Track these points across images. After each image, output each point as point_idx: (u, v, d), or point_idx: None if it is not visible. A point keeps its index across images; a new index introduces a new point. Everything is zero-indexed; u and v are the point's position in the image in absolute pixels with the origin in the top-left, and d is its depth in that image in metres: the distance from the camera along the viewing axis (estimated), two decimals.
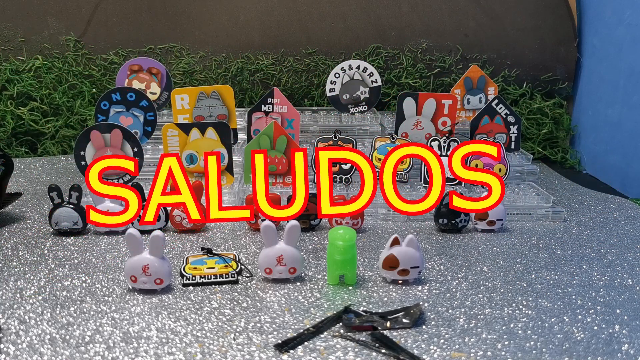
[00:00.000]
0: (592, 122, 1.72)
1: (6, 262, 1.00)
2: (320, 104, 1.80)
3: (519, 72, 1.80)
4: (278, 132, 1.24)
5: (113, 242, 1.09)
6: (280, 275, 0.92)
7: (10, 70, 1.71)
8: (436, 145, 1.29)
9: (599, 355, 0.74)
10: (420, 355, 0.73)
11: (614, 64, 1.61)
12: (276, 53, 1.78)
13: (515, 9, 1.79)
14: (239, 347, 0.75)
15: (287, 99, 1.37)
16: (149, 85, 1.47)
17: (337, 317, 0.81)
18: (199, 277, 0.92)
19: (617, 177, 1.56)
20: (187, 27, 1.78)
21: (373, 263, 1.00)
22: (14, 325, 0.79)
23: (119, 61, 1.74)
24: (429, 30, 1.79)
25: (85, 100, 1.72)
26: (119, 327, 0.79)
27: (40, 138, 1.73)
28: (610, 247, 1.09)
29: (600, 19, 1.69)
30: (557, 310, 0.85)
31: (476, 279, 0.95)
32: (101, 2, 1.76)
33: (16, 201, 1.28)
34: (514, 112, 1.39)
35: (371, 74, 1.50)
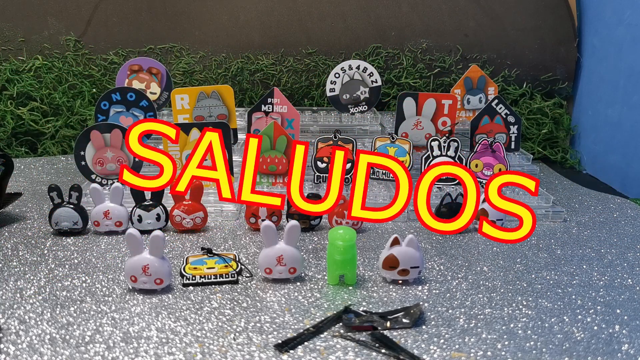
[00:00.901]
0: (592, 122, 1.72)
1: (6, 262, 1.00)
2: (320, 104, 1.80)
3: (519, 72, 1.80)
4: (278, 132, 1.24)
5: (113, 242, 1.09)
6: (280, 275, 0.92)
7: (10, 70, 1.71)
8: (436, 145, 1.29)
9: (599, 355, 0.74)
10: (420, 355, 0.73)
11: (614, 64, 1.61)
12: (276, 53, 1.78)
13: (515, 9, 1.79)
14: (239, 347, 0.75)
15: (287, 99, 1.37)
16: (149, 85, 1.47)
17: (337, 317, 0.81)
18: (199, 277, 0.92)
19: (617, 177, 1.56)
20: (187, 27, 1.78)
21: (373, 263, 1.00)
22: (14, 325, 0.79)
23: (119, 61, 1.74)
24: (429, 30, 1.79)
25: (85, 100, 1.72)
26: (119, 327, 0.79)
27: (40, 138, 1.73)
28: (610, 247, 1.09)
29: (600, 19, 1.69)
30: (557, 310, 0.85)
31: (476, 279, 0.95)
32: (101, 2, 1.76)
33: (16, 201, 1.28)
34: (514, 112, 1.39)
35: (371, 74, 1.50)
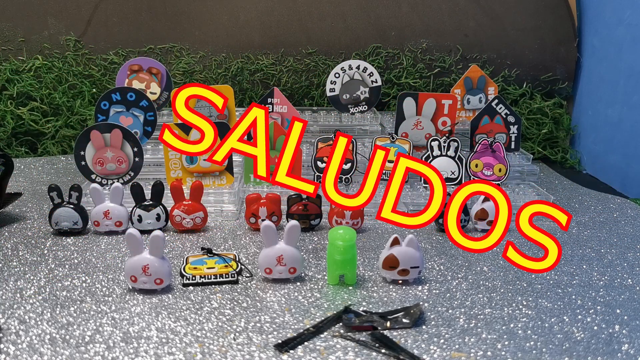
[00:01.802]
0: (592, 122, 1.72)
1: (6, 262, 1.00)
2: (320, 104, 1.80)
3: (519, 72, 1.80)
4: (278, 132, 1.24)
5: (113, 242, 1.09)
6: (280, 275, 0.92)
7: (10, 70, 1.71)
8: (436, 145, 1.29)
9: (599, 355, 0.74)
10: (420, 355, 0.73)
11: (614, 64, 1.61)
12: (276, 53, 1.78)
13: (515, 9, 1.79)
14: (239, 347, 0.75)
15: (287, 99, 1.37)
16: (149, 85, 1.47)
17: (337, 317, 0.81)
18: (199, 277, 0.92)
19: (617, 177, 1.56)
20: (187, 27, 1.78)
21: (373, 263, 1.00)
22: (14, 325, 0.79)
23: (119, 61, 1.74)
24: (429, 30, 1.79)
25: (85, 100, 1.72)
26: (119, 327, 0.79)
27: (40, 138, 1.73)
28: (610, 247, 1.09)
29: (600, 19, 1.69)
30: (557, 310, 0.85)
31: (476, 279, 0.95)
32: (101, 2, 1.76)
33: (16, 201, 1.28)
34: (514, 112, 1.39)
35: (371, 74, 1.50)
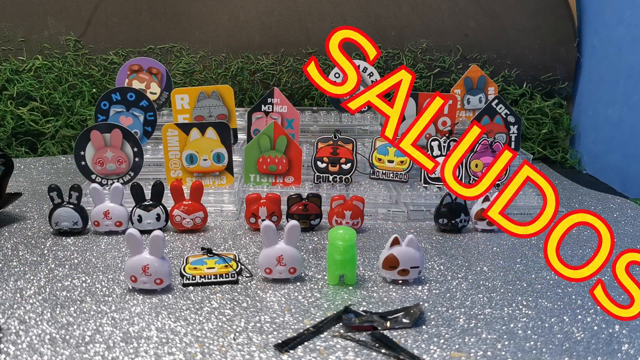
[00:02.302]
0: (592, 122, 1.72)
1: (6, 262, 1.00)
2: (320, 104, 1.80)
3: (519, 72, 1.80)
4: (278, 132, 1.24)
5: (113, 242, 1.09)
6: (280, 275, 0.92)
7: (10, 70, 1.71)
8: (436, 145, 1.29)
9: (599, 355, 0.74)
10: (420, 355, 0.73)
11: (614, 64, 1.61)
12: (276, 53, 1.78)
13: (515, 9, 1.79)
14: (239, 347, 0.75)
15: (287, 99, 1.37)
16: (149, 85, 1.47)
17: (337, 317, 0.81)
18: (199, 277, 0.92)
19: (617, 177, 1.56)
20: (187, 27, 1.78)
21: (373, 263, 1.00)
22: (14, 325, 0.79)
23: (119, 61, 1.74)
24: (429, 30, 1.79)
25: (85, 100, 1.72)
26: (119, 327, 0.79)
27: (40, 138, 1.73)
28: None
29: (600, 19, 1.69)
30: (557, 310, 0.85)
31: (476, 279, 0.95)
32: (101, 2, 1.76)
33: (16, 201, 1.28)
34: (514, 112, 1.39)
35: (371, 74, 1.50)
